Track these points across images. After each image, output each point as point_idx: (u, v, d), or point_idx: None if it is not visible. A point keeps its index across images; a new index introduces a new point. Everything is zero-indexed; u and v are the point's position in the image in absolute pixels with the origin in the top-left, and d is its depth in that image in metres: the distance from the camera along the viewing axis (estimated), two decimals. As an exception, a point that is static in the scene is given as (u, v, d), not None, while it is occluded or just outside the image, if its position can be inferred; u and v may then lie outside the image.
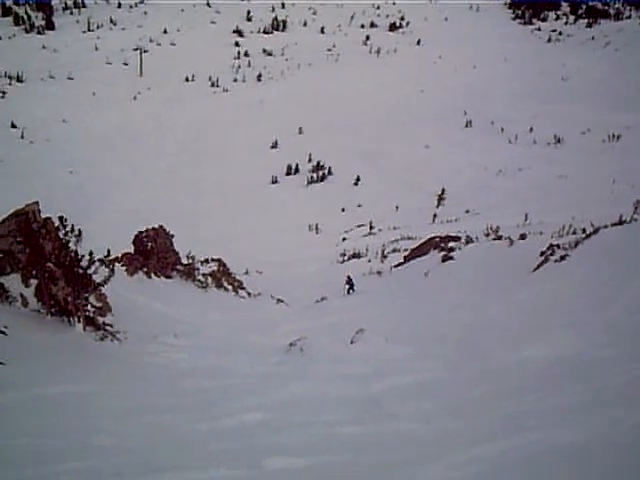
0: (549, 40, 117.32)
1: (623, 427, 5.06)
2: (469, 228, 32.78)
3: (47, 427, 6.23)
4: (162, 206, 52.47)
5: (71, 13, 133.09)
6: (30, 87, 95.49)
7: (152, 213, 41.37)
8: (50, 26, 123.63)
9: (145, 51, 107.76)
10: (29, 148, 74.25)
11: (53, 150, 73.80)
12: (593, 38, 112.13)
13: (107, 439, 6.08)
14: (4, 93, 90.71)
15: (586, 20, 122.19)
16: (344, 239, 46.41)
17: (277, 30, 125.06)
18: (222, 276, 24.74)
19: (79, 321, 11.66)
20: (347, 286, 27.03)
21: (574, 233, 20.51)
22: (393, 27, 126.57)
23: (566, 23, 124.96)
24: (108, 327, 12.36)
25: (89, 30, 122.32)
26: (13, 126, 78.94)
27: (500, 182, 56.73)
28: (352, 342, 12.31)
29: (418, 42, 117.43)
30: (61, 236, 11.74)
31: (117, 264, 18.64)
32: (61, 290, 11.51)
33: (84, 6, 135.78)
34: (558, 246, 14.82)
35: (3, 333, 9.34)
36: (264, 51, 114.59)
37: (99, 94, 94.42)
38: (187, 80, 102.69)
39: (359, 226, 49.94)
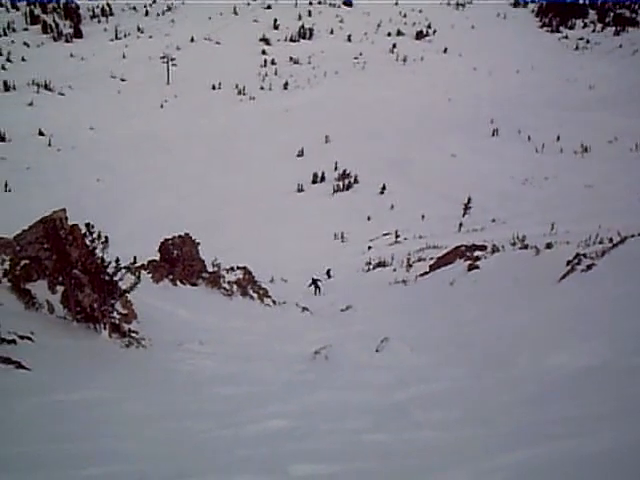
0: (576, 48, 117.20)
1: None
2: (495, 237, 32.74)
3: (73, 432, 6.26)
4: (188, 213, 52.66)
5: (99, 21, 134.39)
6: (57, 95, 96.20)
7: (178, 220, 41.50)
8: (78, 34, 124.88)
9: (172, 59, 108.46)
10: (56, 155, 74.90)
11: (80, 157, 74.43)
12: (621, 46, 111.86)
13: (133, 444, 6.10)
14: (32, 101, 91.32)
15: (614, 28, 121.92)
16: (369, 248, 46.37)
17: (304, 38, 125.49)
18: (247, 284, 24.76)
19: (105, 328, 11.71)
20: (313, 287, 27.93)
21: (601, 242, 20.41)
22: (420, 35, 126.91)
23: (594, 31, 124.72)
24: (134, 334, 12.41)
25: (117, 38, 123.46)
26: (41, 134, 79.77)
27: (527, 191, 56.58)
28: (377, 350, 12.26)
29: (445, 50, 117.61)
30: (88, 243, 11.79)
31: (143, 271, 18.71)
32: (87, 297, 11.56)
33: (112, 14, 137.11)
34: (585, 255, 14.73)
35: (30, 339, 9.39)
36: (291, 59, 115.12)
37: (126, 102, 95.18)
38: (214, 88, 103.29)
39: (385, 235, 49.87)
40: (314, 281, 30.58)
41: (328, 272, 32.61)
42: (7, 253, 12.24)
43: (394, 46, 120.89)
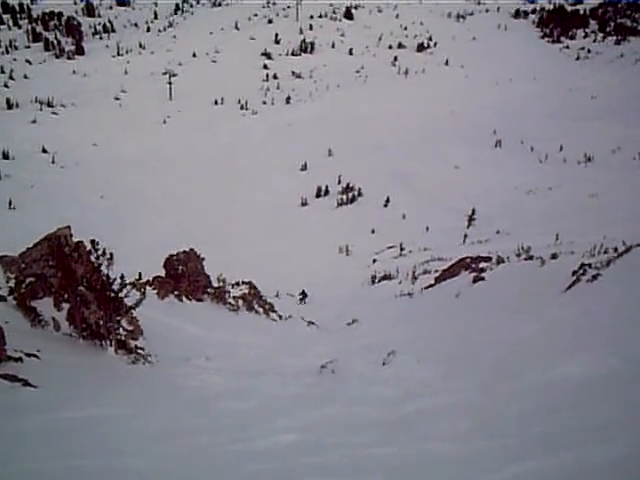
0: (578, 58, 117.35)
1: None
2: (500, 248, 32.70)
3: (81, 449, 6.26)
4: (192, 229, 52.61)
5: (100, 38, 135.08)
6: (60, 112, 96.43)
7: (182, 236, 41.46)
8: (80, 51, 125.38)
9: (174, 75, 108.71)
10: (60, 173, 75.08)
11: (83, 174, 74.62)
12: (622, 55, 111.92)
13: (142, 461, 6.10)
14: (35, 118, 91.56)
15: (615, 37, 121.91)
16: (374, 261, 46.32)
17: (305, 52, 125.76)
18: (253, 299, 24.74)
19: (111, 344, 11.73)
20: (300, 296, 29.02)
21: (606, 252, 20.38)
22: (421, 47, 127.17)
23: (595, 41, 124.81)
24: (140, 350, 12.42)
25: (118, 55, 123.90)
26: (44, 151, 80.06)
27: (531, 202, 56.51)
28: (384, 364, 12.24)
29: (446, 62, 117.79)
30: (93, 260, 11.81)
31: (148, 287, 18.75)
32: (93, 314, 11.58)
33: (113, 31, 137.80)
34: (590, 265, 14.70)
35: (36, 357, 9.41)
36: (293, 73, 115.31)
37: (128, 118, 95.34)
38: (216, 103, 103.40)
39: (389, 247, 49.80)
40: (303, 293, 31.64)
41: (303, 293, 33.07)
42: (12, 271, 12.29)
43: (395, 59, 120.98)
